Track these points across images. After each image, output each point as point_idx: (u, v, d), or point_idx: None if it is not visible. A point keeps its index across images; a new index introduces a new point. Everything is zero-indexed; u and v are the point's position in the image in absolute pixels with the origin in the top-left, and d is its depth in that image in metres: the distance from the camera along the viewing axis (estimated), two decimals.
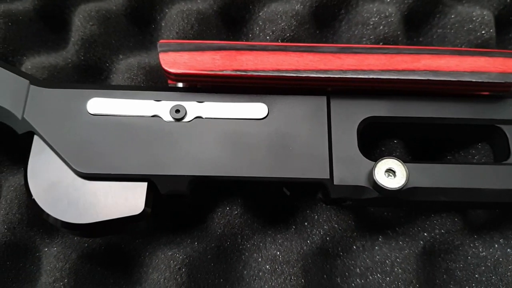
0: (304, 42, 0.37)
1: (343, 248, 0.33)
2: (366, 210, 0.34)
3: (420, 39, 0.40)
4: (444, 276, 0.33)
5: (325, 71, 0.29)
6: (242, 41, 0.40)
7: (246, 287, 0.32)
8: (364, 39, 0.37)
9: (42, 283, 0.31)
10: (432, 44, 0.39)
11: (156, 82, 0.36)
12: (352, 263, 0.33)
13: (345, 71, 0.29)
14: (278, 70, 0.29)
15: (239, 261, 0.33)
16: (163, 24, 0.39)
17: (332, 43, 0.40)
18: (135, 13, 0.40)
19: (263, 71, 0.29)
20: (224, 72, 0.29)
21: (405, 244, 0.32)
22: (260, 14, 0.39)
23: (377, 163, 0.28)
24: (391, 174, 0.28)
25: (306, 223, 0.33)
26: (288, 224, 0.34)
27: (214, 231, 0.32)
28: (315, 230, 0.32)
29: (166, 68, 0.29)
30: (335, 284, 0.32)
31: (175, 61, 0.29)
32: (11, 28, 0.37)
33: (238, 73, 0.29)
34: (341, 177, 0.29)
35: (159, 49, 0.30)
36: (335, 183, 0.29)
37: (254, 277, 0.31)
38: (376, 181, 0.27)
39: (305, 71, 0.29)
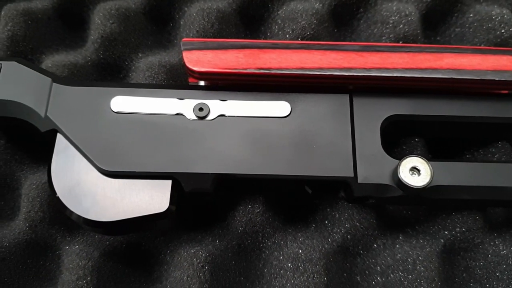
0: (323, 41, 0.37)
1: (364, 246, 0.33)
2: (386, 209, 0.34)
3: (438, 38, 0.40)
4: (464, 274, 0.33)
5: (349, 69, 0.29)
6: (261, 39, 0.40)
7: (266, 285, 0.32)
8: (383, 37, 0.37)
9: (64, 281, 0.31)
10: (450, 43, 0.39)
11: (176, 80, 0.36)
12: (372, 261, 0.33)
13: (368, 69, 0.29)
14: (302, 68, 0.29)
15: (260, 259, 0.33)
16: (181, 23, 0.39)
17: (351, 41, 0.40)
18: (154, 12, 0.40)
19: (287, 69, 0.29)
20: (248, 71, 0.29)
21: (425, 242, 0.32)
22: (279, 12, 0.39)
23: (402, 161, 0.28)
24: (415, 172, 0.28)
25: (326, 222, 0.33)
26: (308, 223, 0.34)
27: (236, 229, 0.32)
28: (336, 229, 0.32)
29: (190, 66, 0.29)
30: (355, 282, 0.32)
31: (199, 59, 0.29)
32: (31, 26, 0.37)
33: (262, 71, 0.29)
34: (365, 175, 0.29)
35: (182, 47, 0.30)
36: (359, 181, 0.29)
37: (275, 275, 0.31)
38: (401, 179, 0.27)
39: (328, 69, 0.29)
